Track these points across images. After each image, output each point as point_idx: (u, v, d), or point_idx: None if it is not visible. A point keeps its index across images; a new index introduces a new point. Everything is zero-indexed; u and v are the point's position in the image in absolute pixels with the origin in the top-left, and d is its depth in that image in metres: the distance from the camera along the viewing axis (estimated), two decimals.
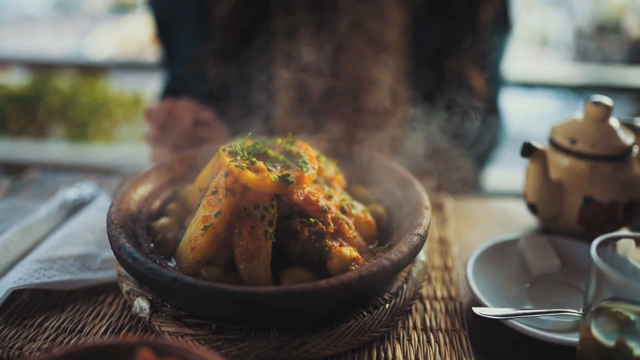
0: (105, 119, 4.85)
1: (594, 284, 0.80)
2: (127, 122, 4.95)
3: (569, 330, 0.96)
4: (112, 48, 5.70)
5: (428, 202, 1.03)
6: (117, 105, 4.92)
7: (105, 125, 4.84)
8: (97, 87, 4.92)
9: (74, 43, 5.86)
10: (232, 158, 0.95)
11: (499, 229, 1.31)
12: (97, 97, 4.82)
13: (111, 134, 4.87)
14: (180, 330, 0.88)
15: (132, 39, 6.00)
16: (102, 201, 1.32)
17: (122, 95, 4.97)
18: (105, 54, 5.37)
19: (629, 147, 1.16)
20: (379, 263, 0.85)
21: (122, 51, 5.56)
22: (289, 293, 0.79)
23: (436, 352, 0.92)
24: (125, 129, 4.94)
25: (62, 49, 5.39)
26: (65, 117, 4.74)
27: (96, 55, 5.19)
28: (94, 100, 4.79)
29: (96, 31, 6.16)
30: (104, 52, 5.42)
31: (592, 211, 1.16)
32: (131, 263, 0.85)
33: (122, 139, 4.82)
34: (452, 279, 1.11)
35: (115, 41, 6.03)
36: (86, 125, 4.72)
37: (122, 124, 4.93)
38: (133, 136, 4.85)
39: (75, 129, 4.68)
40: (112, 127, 4.91)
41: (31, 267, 1.02)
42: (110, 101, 4.89)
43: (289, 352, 0.86)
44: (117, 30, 6.41)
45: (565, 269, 1.11)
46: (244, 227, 0.91)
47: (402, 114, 1.68)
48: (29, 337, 0.91)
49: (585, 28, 5.58)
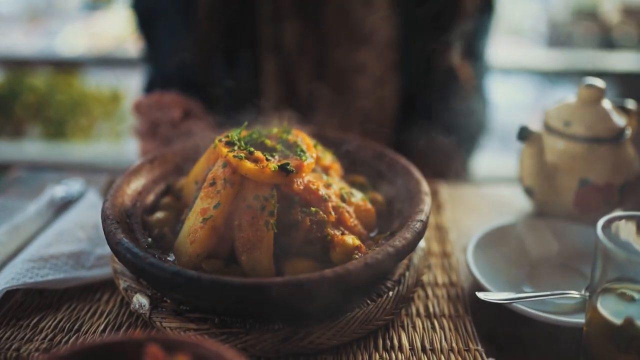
0: (83, 117, 4.76)
1: (600, 264, 0.80)
2: (106, 119, 4.87)
3: (571, 312, 0.96)
4: (84, 45, 5.58)
5: (427, 189, 1.02)
6: (95, 102, 4.83)
7: (84, 123, 4.75)
8: (73, 84, 4.82)
9: (45, 41, 5.73)
10: (230, 148, 0.93)
11: (494, 214, 1.31)
12: (74, 94, 4.72)
13: (90, 131, 4.78)
14: (182, 325, 0.86)
15: (105, 35, 5.89)
16: (91, 198, 1.29)
17: (99, 92, 4.88)
18: (78, 50, 5.25)
19: (623, 128, 1.17)
20: (384, 250, 0.84)
21: (95, 47, 5.45)
22: (296, 283, 0.78)
23: (442, 338, 0.91)
24: (104, 126, 4.86)
25: (34, 47, 5.26)
26: (42, 115, 4.64)
27: (69, 52, 5.07)
28: (71, 98, 4.69)
29: (68, 28, 6.03)
30: (77, 49, 5.30)
31: (588, 193, 1.16)
32: (130, 258, 0.83)
33: (102, 136, 4.74)
34: (452, 265, 1.11)
35: (88, 38, 5.91)
36: (64, 123, 4.62)
37: (100, 121, 4.85)
38: (112, 133, 4.78)
39: (53, 127, 4.59)
40: (91, 124, 4.82)
41: (23, 266, 0.99)
42: (87, 98, 4.79)
43: (295, 344, 0.85)
44: (90, 27, 6.28)
45: (563, 251, 1.12)
46: (244, 219, 0.89)
47: (390, 101, 1.68)
48: (26, 338, 0.88)
49: (560, 16, 5.63)
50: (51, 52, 4.98)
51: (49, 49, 5.21)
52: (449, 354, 0.88)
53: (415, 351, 0.88)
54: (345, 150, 1.18)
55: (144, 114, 1.31)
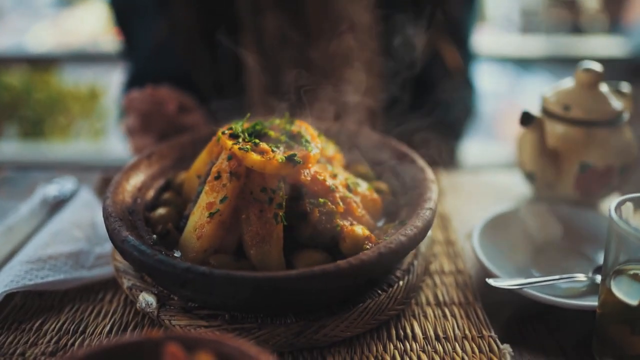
0: (62, 115, 4.67)
1: (613, 246, 0.80)
2: (85, 117, 4.77)
3: (578, 295, 0.96)
4: (55, 42, 5.44)
5: (433, 176, 1.01)
6: (73, 100, 4.73)
7: (62, 121, 4.66)
8: (50, 82, 4.72)
9: (13, 39, 5.57)
10: (234, 141, 0.90)
11: (493, 201, 1.31)
12: (52, 92, 4.62)
13: (69, 130, 4.69)
14: (192, 323, 0.84)
15: (77, 32, 5.76)
16: (84, 196, 1.26)
17: (77, 90, 4.78)
18: (48, 48, 5.11)
19: (621, 111, 1.17)
20: (397, 239, 0.83)
21: (66, 44, 5.31)
22: (310, 275, 0.76)
23: (454, 326, 0.91)
24: (83, 123, 4.77)
25: (3, 45, 5.11)
26: (18, 114, 4.54)
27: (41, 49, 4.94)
28: (49, 96, 4.59)
29: (38, 26, 5.88)
30: (47, 46, 5.16)
31: (589, 177, 1.16)
32: (138, 256, 0.80)
33: (81, 134, 4.65)
34: (457, 253, 1.11)
35: (59, 35, 5.77)
36: (42, 122, 4.53)
37: (79, 119, 4.76)
38: (92, 131, 4.70)
39: (30, 126, 4.49)
40: (70, 122, 4.73)
41: (22, 268, 0.96)
42: (65, 96, 4.70)
43: (308, 337, 0.83)
44: (60, 24, 6.14)
45: (566, 235, 1.12)
46: (252, 212, 0.87)
47: (378, 90, 1.66)
48: (30, 342, 0.86)
49: (533, 3, 5.66)
50: (25, 50, 4.86)
51: (19, 46, 5.07)
52: (463, 341, 0.87)
53: (429, 340, 0.87)
54: (345, 139, 1.17)
55: (137, 109, 1.27)
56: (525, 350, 0.88)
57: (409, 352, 0.85)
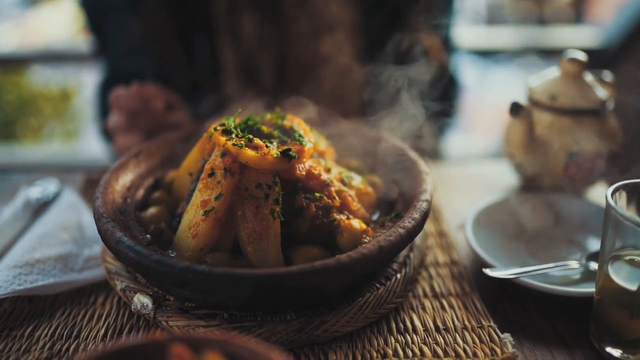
0: (33, 117, 4.56)
1: (610, 233, 0.80)
2: (57, 118, 4.67)
3: (573, 282, 0.97)
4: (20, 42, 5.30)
5: (427, 168, 1.01)
6: (44, 101, 4.63)
7: (34, 123, 4.55)
8: (21, 83, 4.61)
9: None
10: (227, 137, 0.89)
11: (481, 192, 1.32)
12: (23, 94, 4.52)
13: (41, 132, 4.58)
14: (190, 323, 0.83)
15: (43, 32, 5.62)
16: (68, 197, 1.23)
17: (49, 91, 4.68)
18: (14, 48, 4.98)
19: (606, 100, 1.18)
20: (396, 232, 0.83)
21: (33, 45, 5.18)
22: (312, 271, 0.75)
23: (453, 317, 0.91)
24: (55, 125, 4.67)
25: None
26: None
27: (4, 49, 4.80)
28: (19, 97, 4.48)
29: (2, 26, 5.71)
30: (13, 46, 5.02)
31: (577, 165, 1.18)
32: (134, 257, 0.78)
33: (54, 135, 4.55)
34: (450, 244, 1.11)
35: (24, 35, 5.62)
36: (12, 124, 4.42)
37: (51, 120, 4.66)
38: (64, 132, 4.60)
39: (1, 128, 4.38)
40: (41, 124, 4.62)
41: (9, 273, 0.93)
42: (36, 97, 4.59)
43: (309, 333, 0.82)
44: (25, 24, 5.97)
45: (557, 223, 1.13)
46: (247, 208, 0.86)
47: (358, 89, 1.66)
48: (23, 349, 0.83)
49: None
50: None
51: None
52: (463, 332, 0.87)
53: (430, 332, 0.87)
54: (336, 134, 1.16)
55: (123, 107, 1.24)
56: (524, 338, 0.88)
57: (410, 345, 0.85)
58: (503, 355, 0.81)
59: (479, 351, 0.82)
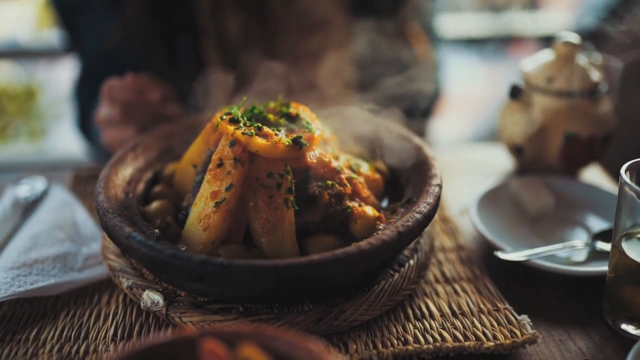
0: None
1: (625, 210, 0.81)
2: (22, 117, 4.52)
3: (580, 262, 0.98)
4: None
5: (433, 153, 1.00)
6: (8, 100, 4.47)
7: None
8: None
9: None
10: (235, 126, 0.86)
11: (478, 177, 1.32)
12: None
13: (5, 132, 4.43)
14: (206, 318, 0.80)
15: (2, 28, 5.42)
16: (58, 195, 1.18)
17: (12, 89, 4.52)
18: None
19: (599, 82, 1.20)
20: (412, 217, 0.82)
21: None
22: (334, 260, 0.74)
23: (467, 301, 0.90)
24: (20, 124, 4.52)
25: None
26: None
27: None
28: None
29: None
30: None
31: (573, 147, 1.19)
32: (146, 252, 0.75)
33: (20, 135, 4.41)
34: (454, 229, 1.10)
35: None
36: None
37: (16, 120, 4.50)
38: (30, 132, 4.46)
39: None
40: (6, 124, 4.47)
41: (7, 275, 0.89)
42: None
43: (329, 323, 0.81)
44: None
45: (559, 205, 1.14)
46: (260, 198, 0.84)
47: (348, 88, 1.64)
48: (30, 353, 0.79)
49: None
50: None
51: None
52: (480, 315, 0.87)
53: (447, 317, 0.87)
54: (338, 122, 1.14)
55: (117, 99, 1.19)
56: (539, 319, 0.89)
57: (429, 331, 0.84)
58: (524, 337, 0.81)
59: (498, 334, 0.82)
